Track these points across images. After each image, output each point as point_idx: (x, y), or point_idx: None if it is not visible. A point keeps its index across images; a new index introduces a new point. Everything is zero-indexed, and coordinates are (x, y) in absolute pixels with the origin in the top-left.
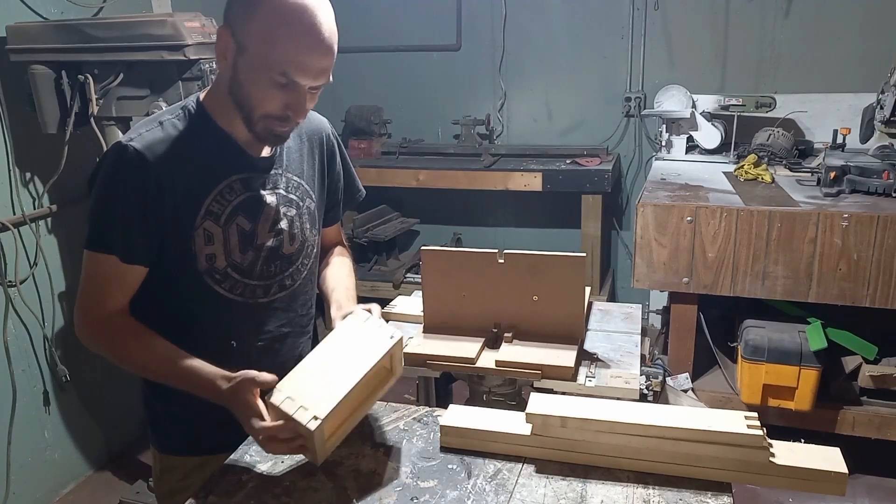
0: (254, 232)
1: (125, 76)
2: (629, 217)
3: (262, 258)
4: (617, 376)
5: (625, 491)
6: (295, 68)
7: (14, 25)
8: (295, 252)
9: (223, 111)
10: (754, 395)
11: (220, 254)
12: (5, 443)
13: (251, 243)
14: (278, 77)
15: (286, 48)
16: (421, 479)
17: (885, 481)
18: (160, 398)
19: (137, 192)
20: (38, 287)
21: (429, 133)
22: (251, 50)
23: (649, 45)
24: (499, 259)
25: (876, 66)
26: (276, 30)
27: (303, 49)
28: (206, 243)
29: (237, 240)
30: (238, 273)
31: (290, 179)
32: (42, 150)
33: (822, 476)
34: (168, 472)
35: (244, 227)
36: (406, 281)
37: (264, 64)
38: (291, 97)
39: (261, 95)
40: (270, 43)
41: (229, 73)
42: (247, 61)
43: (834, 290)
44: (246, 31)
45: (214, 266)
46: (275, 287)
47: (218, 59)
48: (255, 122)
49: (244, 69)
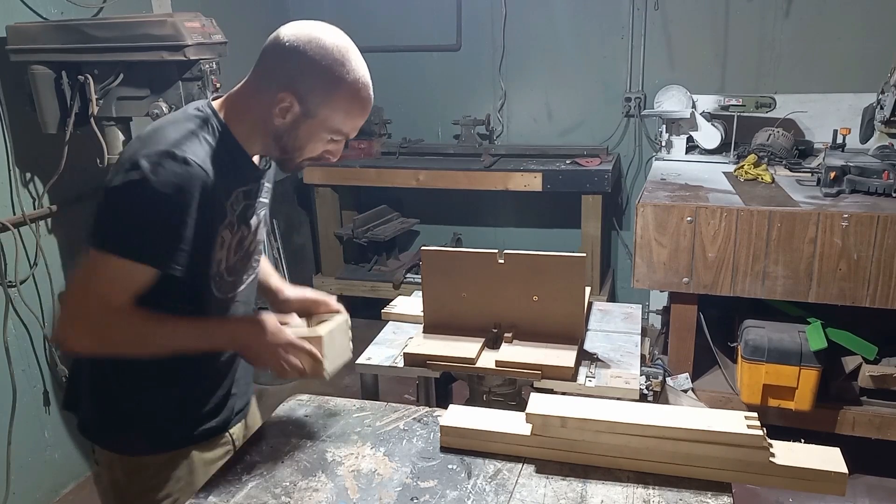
0: (245, 237)
1: (125, 76)
2: (629, 217)
3: (245, 259)
4: (617, 376)
5: (625, 491)
6: (353, 129)
7: (14, 25)
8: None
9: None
10: (754, 395)
11: (224, 258)
12: (5, 443)
13: (242, 247)
14: (337, 136)
15: (354, 119)
16: (421, 479)
17: (885, 481)
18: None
19: (191, 205)
20: (38, 287)
21: (429, 133)
22: (320, 119)
23: (649, 45)
24: (499, 259)
25: (876, 66)
26: (351, 108)
27: (364, 116)
28: (220, 248)
29: (233, 245)
30: (228, 273)
31: (267, 187)
32: (42, 150)
33: (822, 476)
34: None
35: (243, 234)
36: (406, 281)
37: (331, 130)
38: (335, 146)
39: (312, 147)
40: (343, 116)
41: (285, 128)
42: (312, 126)
43: (834, 290)
44: (320, 104)
45: (219, 269)
46: (240, 281)
47: (274, 116)
48: (295, 162)
49: (307, 131)
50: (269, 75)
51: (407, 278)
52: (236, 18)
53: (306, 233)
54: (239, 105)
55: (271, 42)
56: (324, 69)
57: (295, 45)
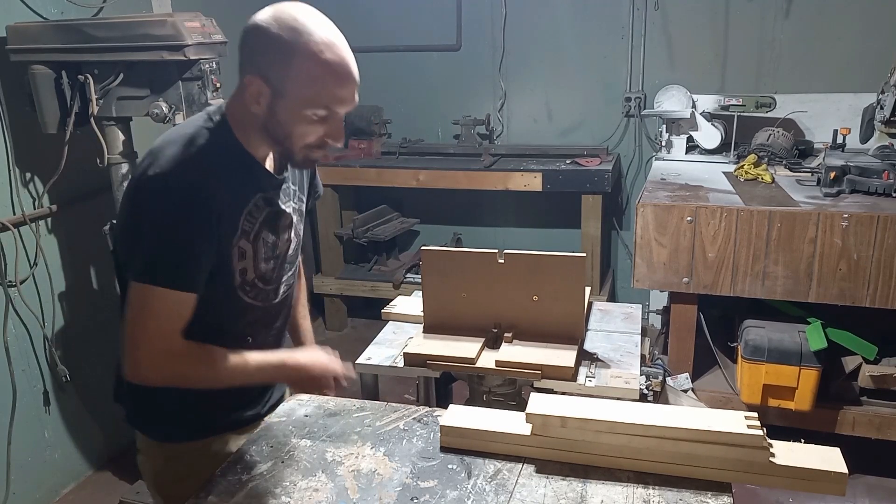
0: (276, 244)
1: (125, 76)
2: (629, 217)
3: (278, 265)
4: (617, 376)
5: (625, 491)
6: (334, 101)
7: (14, 25)
8: (294, 254)
9: (246, 136)
10: (754, 395)
11: (250, 267)
12: (5, 443)
13: (273, 253)
14: (320, 112)
15: (326, 86)
16: (421, 479)
17: (885, 481)
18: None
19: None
20: (38, 287)
21: (429, 133)
22: (291, 94)
23: (649, 45)
24: (499, 259)
25: (876, 66)
26: (314, 72)
27: (339, 82)
28: (240, 259)
29: (263, 252)
30: (262, 282)
31: (293, 190)
32: (42, 150)
33: (822, 476)
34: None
35: (268, 241)
36: (406, 281)
37: (306, 103)
38: (330, 127)
39: (302, 131)
40: (311, 85)
41: (264, 114)
42: (287, 104)
43: (834, 290)
44: (282, 76)
45: (245, 279)
46: (283, 287)
47: (250, 104)
48: (295, 154)
49: (284, 111)
50: (242, 66)
51: (407, 278)
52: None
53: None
54: (234, 108)
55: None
56: (276, 39)
57: (252, 25)
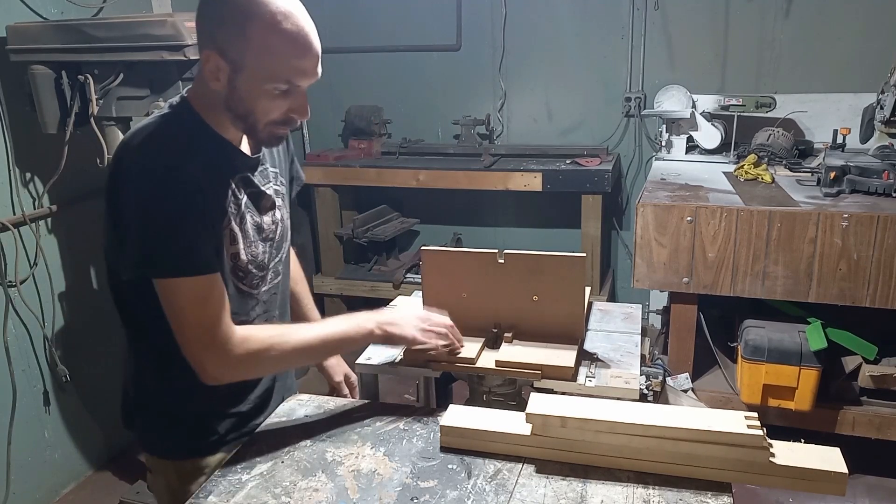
0: (261, 225)
1: (125, 76)
2: (629, 217)
3: (268, 249)
4: (617, 376)
5: (625, 491)
6: (295, 73)
7: (14, 25)
8: (282, 238)
9: (215, 117)
10: (754, 395)
11: (241, 251)
12: (5, 443)
13: (261, 235)
14: (281, 86)
15: (285, 58)
16: (421, 479)
17: (885, 481)
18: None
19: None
20: (38, 287)
21: (429, 133)
22: (249, 67)
23: (649, 45)
24: (499, 259)
25: (876, 66)
26: (271, 42)
27: (298, 53)
28: (232, 243)
29: (252, 235)
30: (255, 267)
31: (274, 173)
32: (42, 150)
33: (822, 476)
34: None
35: (254, 223)
36: (406, 281)
37: (266, 77)
38: (294, 101)
39: (264, 106)
40: (269, 56)
41: (225, 91)
42: (246, 78)
43: (834, 290)
44: (239, 49)
45: (238, 264)
46: (271, 274)
47: (209, 80)
48: (259, 131)
49: (244, 86)
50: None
51: (407, 278)
52: None
53: (306, 233)
54: (197, 90)
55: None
56: (231, 10)
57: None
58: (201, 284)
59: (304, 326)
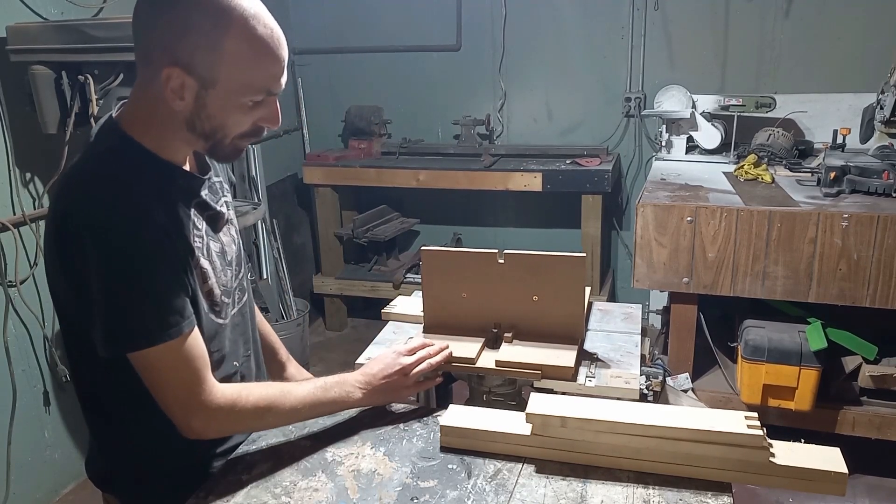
0: (223, 248)
1: (125, 76)
2: (629, 217)
3: (232, 274)
4: (617, 376)
5: (625, 491)
6: (272, 82)
7: (14, 25)
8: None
9: (156, 140)
10: (754, 395)
11: (214, 286)
12: (5, 443)
13: (225, 259)
14: (258, 97)
15: (262, 66)
16: (421, 479)
17: (885, 481)
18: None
19: (167, 254)
20: (38, 287)
21: (429, 133)
22: (223, 81)
23: (649, 45)
24: (499, 259)
25: (876, 66)
26: (246, 52)
27: (273, 58)
28: (203, 282)
29: (219, 263)
30: (226, 296)
31: (219, 183)
32: (42, 150)
33: (822, 476)
34: None
35: (218, 248)
36: (406, 281)
37: (241, 90)
38: (266, 110)
39: (236, 121)
40: (246, 68)
41: (189, 109)
42: (218, 94)
43: (834, 290)
44: (210, 63)
45: (213, 300)
46: (237, 293)
47: (171, 100)
48: (225, 146)
49: (215, 103)
50: (145, 58)
51: (407, 278)
52: None
53: (306, 233)
54: (136, 113)
55: (134, 15)
56: (195, 19)
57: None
58: (180, 345)
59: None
